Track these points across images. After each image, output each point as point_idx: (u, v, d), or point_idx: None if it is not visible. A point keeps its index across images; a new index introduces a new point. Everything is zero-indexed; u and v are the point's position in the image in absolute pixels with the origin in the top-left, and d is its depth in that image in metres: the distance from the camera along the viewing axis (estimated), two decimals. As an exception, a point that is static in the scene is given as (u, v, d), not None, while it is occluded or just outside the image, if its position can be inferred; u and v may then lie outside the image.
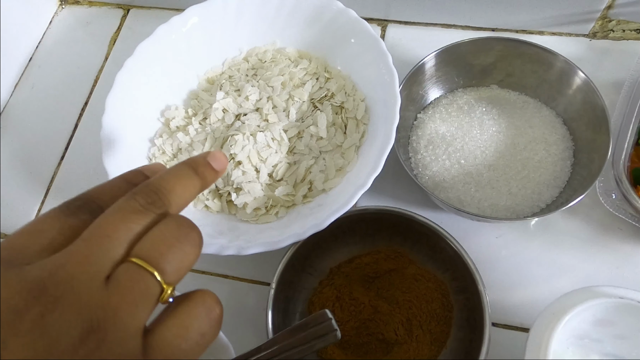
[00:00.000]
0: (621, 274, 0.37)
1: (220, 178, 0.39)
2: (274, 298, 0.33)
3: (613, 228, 0.38)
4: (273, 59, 0.44)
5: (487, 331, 0.31)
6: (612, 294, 0.24)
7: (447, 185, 0.39)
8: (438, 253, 0.36)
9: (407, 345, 0.34)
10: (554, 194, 0.37)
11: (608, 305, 0.24)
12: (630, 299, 0.23)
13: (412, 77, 0.39)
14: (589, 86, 0.37)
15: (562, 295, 0.25)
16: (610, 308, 0.24)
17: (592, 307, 0.24)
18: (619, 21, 0.44)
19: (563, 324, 0.23)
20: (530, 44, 0.39)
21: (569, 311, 0.23)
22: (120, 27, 0.54)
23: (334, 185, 0.38)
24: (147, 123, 0.42)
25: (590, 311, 0.25)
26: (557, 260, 0.38)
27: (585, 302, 0.23)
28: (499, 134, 0.39)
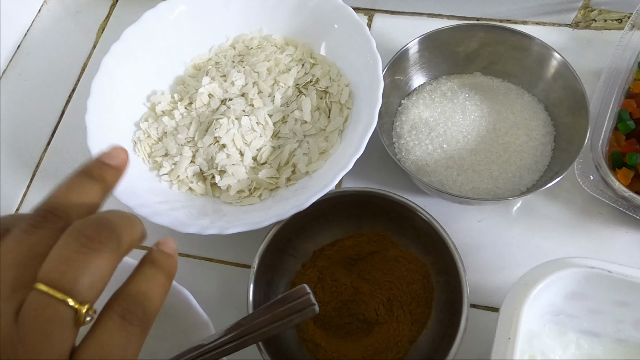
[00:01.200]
0: (601, 257, 0.36)
1: (204, 161, 0.39)
2: (255, 277, 0.33)
3: (593, 212, 0.39)
4: (259, 46, 0.44)
5: (465, 312, 0.31)
6: (582, 264, 0.24)
7: (429, 169, 0.39)
8: (421, 235, 0.36)
9: (387, 325, 0.35)
10: (535, 178, 0.38)
11: (579, 276, 0.24)
12: (600, 268, 0.24)
13: (395, 62, 0.40)
14: (569, 72, 0.37)
15: (534, 267, 0.26)
16: (582, 279, 0.25)
17: (564, 278, 0.24)
18: (601, 11, 0.45)
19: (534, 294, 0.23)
20: (511, 30, 0.39)
21: (540, 281, 0.24)
22: (109, 16, 0.54)
23: (317, 168, 0.38)
24: (132, 107, 0.42)
25: (562, 282, 0.25)
26: (538, 243, 0.38)
27: (556, 272, 0.24)
28: (481, 119, 0.40)
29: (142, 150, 0.40)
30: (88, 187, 0.21)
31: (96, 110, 0.39)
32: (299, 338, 0.35)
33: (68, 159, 0.46)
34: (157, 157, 0.40)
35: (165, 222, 0.34)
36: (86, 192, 0.20)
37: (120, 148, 0.22)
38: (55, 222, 0.19)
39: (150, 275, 0.21)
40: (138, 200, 0.36)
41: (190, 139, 0.40)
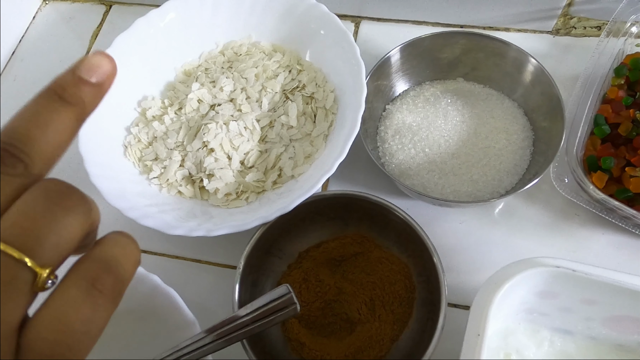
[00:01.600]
0: (577, 257, 0.38)
1: (193, 165, 0.40)
2: (240, 278, 0.34)
3: (571, 215, 0.40)
4: (248, 52, 0.46)
5: (442, 311, 0.32)
6: (548, 263, 0.25)
7: (412, 172, 0.40)
8: (402, 237, 0.37)
9: (370, 324, 0.36)
10: (514, 181, 0.39)
11: (547, 275, 0.25)
12: (566, 267, 0.25)
13: (379, 69, 0.41)
14: (546, 77, 0.39)
15: (503, 267, 0.27)
16: (549, 278, 0.26)
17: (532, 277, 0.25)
18: (580, 18, 0.46)
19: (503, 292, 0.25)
20: (490, 37, 0.40)
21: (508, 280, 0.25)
22: (102, 23, 0.55)
23: (303, 171, 0.39)
24: (123, 112, 0.43)
25: (531, 281, 0.26)
26: (517, 245, 0.39)
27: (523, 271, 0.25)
28: (462, 124, 0.41)
29: (132, 155, 0.41)
30: (58, 113, 0.16)
31: (88, 116, 0.40)
32: (284, 337, 0.36)
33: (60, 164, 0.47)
34: (147, 161, 0.41)
35: (153, 225, 0.35)
36: (55, 122, 0.16)
37: (103, 54, 0.17)
38: (12, 166, 0.15)
39: (122, 241, 0.17)
40: (128, 203, 0.37)
41: (180, 143, 0.41)
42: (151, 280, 0.33)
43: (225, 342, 0.29)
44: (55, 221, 0.15)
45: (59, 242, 0.15)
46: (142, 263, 0.27)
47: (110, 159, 0.40)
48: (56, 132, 0.16)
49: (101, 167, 0.38)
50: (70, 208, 0.15)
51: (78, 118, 0.16)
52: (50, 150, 0.16)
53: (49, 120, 0.16)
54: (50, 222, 0.14)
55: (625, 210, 0.35)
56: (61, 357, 0.14)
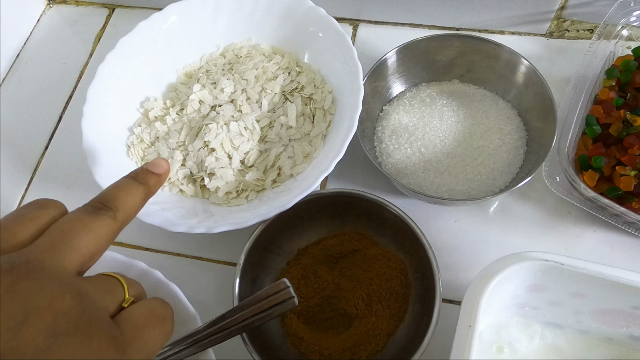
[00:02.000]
0: (570, 254, 0.38)
1: (194, 164, 0.41)
2: (241, 274, 0.35)
3: (563, 213, 0.41)
4: (248, 54, 0.47)
5: (437, 306, 0.33)
6: (537, 257, 0.26)
7: (408, 172, 0.41)
8: (398, 235, 0.38)
9: (366, 319, 0.36)
10: (507, 180, 0.40)
11: (536, 269, 0.26)
12: (554, 261, 0.26)
13: (376, 70, 0.42)
14: (539, 79, 0.40)
15: (494, 261, 0.27)
16: (538, 272, 0.27)
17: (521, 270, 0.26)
18: (573, 21, 0.47)
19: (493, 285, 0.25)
20: (485, 40, 0.41)
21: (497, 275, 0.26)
22: (105, 26, 0.57)
23: (301, 170, 0.40)
24: (126, 113, 0.44)
25: (521, 275, 0.27)
26: (511, 242, 0.40)
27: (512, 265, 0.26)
28: (458, 124, 0.42)
29: (135, 154, 0.42)
30: (134, 188, 0.25)
31: (92, 116, 0.41)
32: (283, 332, 0.37)
33: (65, 163, 0.48)
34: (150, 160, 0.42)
35: (155, 222, 0.36)
36: (132, 192, 0.25)
37: (163, 160, 0.27)
38: (107, 212, 0.23)
39: (128, 186, 0.25)
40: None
41: (181, 143, 0.42)
42: (154, 275, 0.34)
43: (225, 336, 0.30)
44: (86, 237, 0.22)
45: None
46: (144, 260, 0.28)
47: (114, 158, 0.41)
48: (132, 197, 0.25)
49: (105, 167, 0.39)
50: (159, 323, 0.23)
51: (146, 193, 0.26)
52: (129, 207, 0.24)
53: (128, 190, 0.25)
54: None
55: (616, 208, 0.35)
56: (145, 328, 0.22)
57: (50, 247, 0.21)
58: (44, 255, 0.20)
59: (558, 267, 0.25)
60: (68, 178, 0.48)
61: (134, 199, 0.25)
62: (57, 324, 0.18)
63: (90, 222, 0.22)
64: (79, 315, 0.19)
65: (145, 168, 0.27)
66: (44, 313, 0.18)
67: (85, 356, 0.18)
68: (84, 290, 0.20)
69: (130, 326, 0.21)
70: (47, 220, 0.22)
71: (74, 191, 0.47)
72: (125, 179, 0.26)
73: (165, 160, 0.28)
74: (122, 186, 0.25)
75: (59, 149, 0.50)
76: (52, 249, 0.20)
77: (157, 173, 0.27)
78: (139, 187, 0.26)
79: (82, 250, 0.21)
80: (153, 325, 0.22)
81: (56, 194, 0.47)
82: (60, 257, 0.20)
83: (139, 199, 0.25)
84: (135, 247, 0.43)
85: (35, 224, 0.22)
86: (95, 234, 0.22)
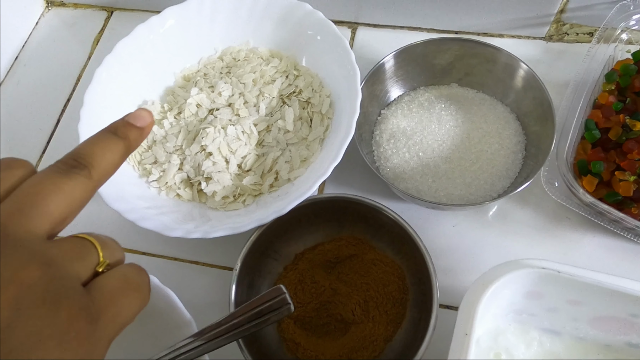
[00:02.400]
0: (568, 260, 0.39)
1: (192, 168, 0.41)
2: (237, 279, 0.35)
3: (562, 218, 0.40)
4: (246, 58, 0.46)
5: (434, 312, 0.33)
6: (534, 265, 0.26)
7: (406, 176, 0.41)
8: (396, 240, 0.38)
9: (363, 325, 0.36)
10: (506, 185, 0.40)
11: (533, 276, 0.26)
12: (550, 269, 0.25)
13: (374, 74, 0.42)
14: (537, 83, 0.39)
15: (491, 268, 0.27)
16: (536, 279, 0.26)
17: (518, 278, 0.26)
18: (572, 25, 0.47)
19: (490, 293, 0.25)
20: (483, 44, 0.41)
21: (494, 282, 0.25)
22: (104, 28, 0.57)
23: (299, 175, 0.40)
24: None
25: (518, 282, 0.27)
26: (509, 247, 0.40)
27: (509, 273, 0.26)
28: (456, 129, 0.42)
29: (132, 158, 0.42)
30: (112, 142, 0.22)
31: (89, 120, 0.41)
32: (280, 337, 0.37)
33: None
34: (147, 164, 0.42)
35: (152, 227, 0.36)
36: (110, 147, 0.22)
37: (146, 111, 0.24)
38: (80, 170, 0.21)
39: (105, 140, 0.22)
40: (127, 206, 0.37)
41: (179, 147, 0.42)
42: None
43: (221, 342, 0.29)
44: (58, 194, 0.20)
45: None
46: (140, 265, 0.28)
47: (111, 162, 0.41)
48: (110, 153, 0.22)
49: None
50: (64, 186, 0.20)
51: (125, 148, 0.23)
52: (106, 165, 0.22)
53: (105, 145, 0.22)
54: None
55: (615, 214, 0.35)
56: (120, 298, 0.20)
57: (17, 210, 0.19)
58: (8, 220, 0.18)
59: (555, 275, 0.25)
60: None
61: (112, 155, 0.22)
62: (21, 296, 0.17)
63: (61, 182, 0.20)
64: (45, 285, 0.17)
65: (126, 120, 0.23)
66: (7, 286, 0.17)
67: (54, 328, 0.17)
68: (51, 258, 0.18)
69: (102, 295, 0.19)
70: (14, 181, 0.20)
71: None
72: (103, 132, 0.23)
73: (148, 112, 0.24)
74: (98, 141, 0.22)
75: (57, 153, 0.49)
76: (18, 212, 0.19)
77: (138, 126, 0.24)
78: (118, 142, 0.23)
79: (52, 213, 0.19)
80: (127, 293, 0.20)
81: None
82: (27, 222, 0.19)
83: (118, 154, 0.22)
84: (131, 251, 0.43)
85: (1, 186, 0.20)
86: (67, 195, 0.20)
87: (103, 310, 0.19)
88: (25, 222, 0.19)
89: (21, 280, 0.17)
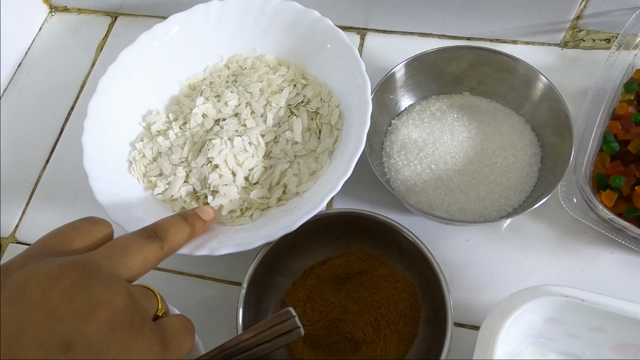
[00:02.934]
0: (586, 277, 0.38)
1: (197, 181, 0.40)
2: (245, 298, 0.34)
3: (579, 232, 0.39)
4: (253, 66, 0.45)
5: (449, 331, 0.32)
6: (557, 292, 0.25)
7: (418, 189, 0.40)
8: (407, 256, 0.37)
9: (374, 344, 0.35)
10: (521, 199, 0.39)
11: (555, 304, 0.25)
12: (574, 297, 0.24)
13: (384, 84, 0.40)
14: (554, 93, 0.38)
15: (511, 295, 0.26)
16: (557, 306, 0.25)
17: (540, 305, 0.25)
18: (589, 31, 0.45)
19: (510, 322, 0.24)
20: (497, 52, 0.40)
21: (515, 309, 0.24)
22: (108, 34, 0.56)
23: (307, 188, 0.39)
24: (128, 127, 0.43)
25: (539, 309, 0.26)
26: (524, 263, 0.39)
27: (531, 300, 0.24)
28: (469, 140, 0.40)
29: (137, 170, 0.41)
30: (183, 226, 0.30)
31: (93, 131, 0.40)
32: (288, 356, 0.36)
33: (65, 179, 0.48)
34: (152, 176, 0.41)
35: (157, 243, 0.35)
36: (181, 230, 0.30)
37: (210, 207, 0.34)
38: (158, 240, 0.27)
39: (178, 223, 0.30)
40: (132, 220, 0.36)
41: (184, 159, 0.41)
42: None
43: (228, 366, 0.29)
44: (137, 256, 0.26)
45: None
46: (145, 278, 0.29)
47: (115, 175, 0.40)
48: (180, 234, 0.30)
49: (106, 183, 0.38)
50: None
51: (190, 234, 0.31)
52: (175, 242, 0.29)
53: (178, 227, 0.30)
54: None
55: (635, 231, 0.34)
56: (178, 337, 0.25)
57: (108, 256, 0.24)
58: (102, 260, 0.23)
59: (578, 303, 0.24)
60: (69, 193, 0.47)
61: (181, 236, 0.30)
62: (116, 319, 0.21)
63: (143, 245, 0.26)
64: (132, 313, 0.22)
65: (195, 212, 0.32)
66: (106, 307, 0.21)
67: (138, 350, 0.21)
68: (133, 293, 0.23)
69: (169, 330, 0.24)
70: (99, 235, 0.26)
71: (75, 207, 0.46)
72: (177, 217, 0.31)
73: (212, 208, 0.34)
74: (174, 222, 0.30)
75: (60, 164, 0.49)
76: (109, 258, 0.24)
77: (203, 219, 0.32)
78: (187, 227, 0.31)
79: (132, 266, 0.24)
80: (185, 333, 0.25)
81: (57, 209, 0.46)
82: (115, 266, 0.24)
83: (185, 237, 0.30)
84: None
85: (89, 237, 0.25)
86: (144, 256, 0.25)
87: (170, 341, 0.24)
88: (114, 265, 0.24)
89: (115, 305, 0.21)
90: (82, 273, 0.21)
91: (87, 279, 0.21)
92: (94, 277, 0.22)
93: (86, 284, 0.21)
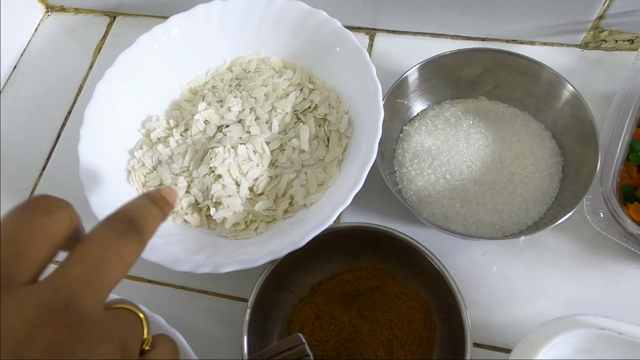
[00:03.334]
0: (610, 294, 0.36)
1: (199, 191, 0.38)
2: (250, 318, 0.32)
3: (603, 246, 0.37)
4: (257, 69, 0.43)
5: (468, 353, 0.30)
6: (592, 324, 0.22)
7: (432, 200, 0.38)
8: (421, 272, 0.35)
9: (387, 367, 0.33)
10: (542, 211, 0.36)
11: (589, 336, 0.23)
12: (611, 329, 0.22)
13: (396, 89, 0.38)
14: (578, 99, 0.36)
15: (542, 324, 0.24)
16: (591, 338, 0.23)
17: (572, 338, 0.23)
18: (612, 31, 0.43)
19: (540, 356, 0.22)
20: (517, 55, 0.38)
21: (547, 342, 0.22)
22: (106, 35, 0.53)
23: (315, 200, 0.37)
24: (127, 134, 0.41)
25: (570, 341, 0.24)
26: (544, 279, 0.37)
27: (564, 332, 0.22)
28: (486, 148, 0.38)
29: (136, 180, 0.39)
30: (156, 212, 0.23)
31: (89, 139, 0.39)
32: (296, 378, 0.34)
33: (62, 186, 0.46)
34: (152, 187, 0.39)
35: (159, 260, 0.33)
36: (154, 216, 0.23)
37: (172, 189, 0.26)
38: (136, 233, 0.21)
39: (152, 209, 0.23)
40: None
41: (185, 168, 0.39)
42: (155, 321, 0.31)
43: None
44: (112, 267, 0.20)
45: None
46: (146, 294, 0.25)
47: (113, 185, 0.38)
48: (155, 222, 0.23)
49: (103, 196, 0.37)
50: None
51: (161, 220, 0.23)
52: (151, 233, 0.22)
53: (152, 213, 0.23)
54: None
55: (665, 247, 0.32)
56: None
57: (85, 281, 0.18)
58: (80, 293, 0.17)
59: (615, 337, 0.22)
60: (67, 199, 0.45)
61: (156, 224, 0.23)
62: None
63: (121, 247, 0.19)
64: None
65: (161, 194, 0.24)
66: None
67: None
68: (120, 337, 0.18)
69: None
70: (60, 231, 0.19)
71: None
72: (147, 201, 0.23)
73: (175, 191, 0.26)
74: (148, 208, 0.23)
75: (57, 170, 0.47)
76: (87, 284, 0.18)
77: (170, 202, 0.25)
78: (159, 213, 0.23)
79: (112, 281, 0.19)
80: None
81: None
82: (96, 296, 0.18)
83: (157, 225, 0.23)
84: (136, 279, 0.40)
85: (47, 238, 0.18)
86: (125, 262, 0.20)
87: None
88: (95, 295, 0.18)
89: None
90: (59, 330, 0.16)
91: (67, 340, 0.16)
92: (76, 333, 0.17)
93: (67, 349, 0.16)
